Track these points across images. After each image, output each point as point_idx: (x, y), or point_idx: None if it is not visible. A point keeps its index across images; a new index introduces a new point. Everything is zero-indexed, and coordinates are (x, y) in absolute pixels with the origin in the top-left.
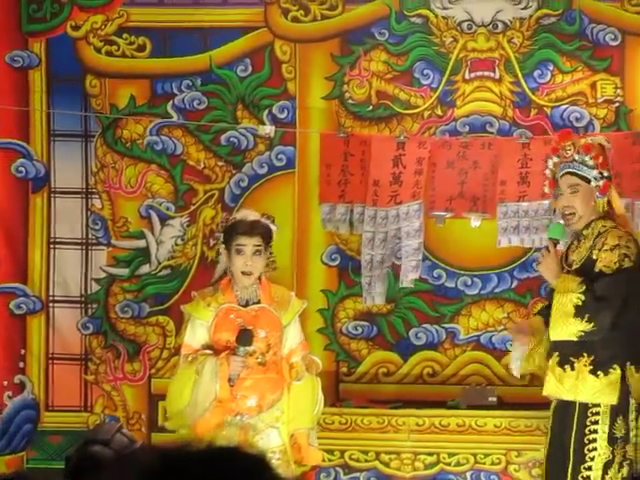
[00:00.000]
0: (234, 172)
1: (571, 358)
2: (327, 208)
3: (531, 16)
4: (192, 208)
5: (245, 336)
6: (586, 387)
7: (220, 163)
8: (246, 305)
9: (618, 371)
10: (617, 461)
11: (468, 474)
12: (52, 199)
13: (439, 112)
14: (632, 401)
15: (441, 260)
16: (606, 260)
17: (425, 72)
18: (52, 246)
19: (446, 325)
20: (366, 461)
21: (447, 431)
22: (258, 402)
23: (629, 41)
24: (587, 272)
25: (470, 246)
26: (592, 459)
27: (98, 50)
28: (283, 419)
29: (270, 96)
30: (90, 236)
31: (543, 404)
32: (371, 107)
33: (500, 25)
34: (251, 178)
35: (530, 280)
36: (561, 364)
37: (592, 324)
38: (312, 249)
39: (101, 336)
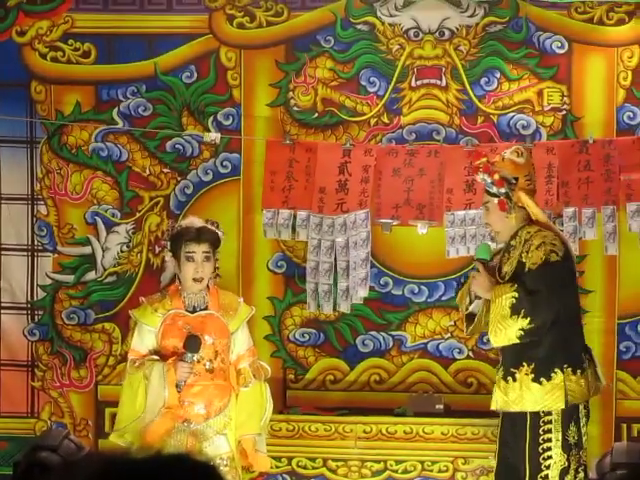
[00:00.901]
0: (179, 179)
1: (512, 369)
2: (269, 214)
3: (478, 24)
4: (138, 215)
5: (192, 342)
6: (531, 396)
7: (165, 170)
8: (194, 311)
9: (560, 375)
10: (573, 467)
11: None
12: None
13: (385, 120)
14: (581, 407)
15: (388, 268)
16: (533, 258)
17: (371, 79)
18: None
19: (393, 333)
20: (313, 468)
21: (394, 438)
22: (206, 409)
23: (576, 49)
24: (519, 274)
25: (417, 254)
26: (548, 467)
27: (43, 56)
28: (231, 426)
29: (215, 103)
30: (36, 242)
31: (490, 412)
32: (317, 114)
33: (447, 32)
34: (196, 185)
35: None
36: (504, 377)
37: (529, 320)
38: (258, 256)
39: (47, 343)
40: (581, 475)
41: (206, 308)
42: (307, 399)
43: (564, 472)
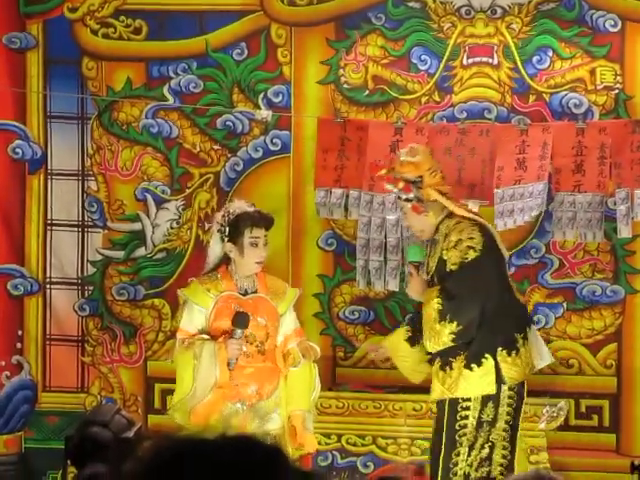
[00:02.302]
0: (229, 156)
1: (450, 359)
2: (322, 193)
3: (530, 2)
4: (187, 191)
5: (241, 318)
6: (464, 382)
7: (215, 147)
8: (245, 294)
9: (490, 360)
10: (480, 443)
11: None
12: (49, 181)
13: (437, 98)
14: (504, 387)
15: None
16: (452, 258)
17: (422, 57)
18: (49, 228)
19: None
20: (363, 445)
21: None
22: (258, 390)
23: (629, 27)
24: (442, 274)
25: None
26: (461, 444)
27: (95, 32)
28: (282, 404)
29: (265, 80)
30: (86, 218)
31: (538, 391)
32: (367, 92)
33: (499, 11)
34: (246, 162)
35: (528, 267)
36: (442, 367)
37: (456, 323)
38: (308, 234)
39: (97, 318)
40: (485, 451)
41: (256, 291)
42: (357, 377)
43: (471, 447)
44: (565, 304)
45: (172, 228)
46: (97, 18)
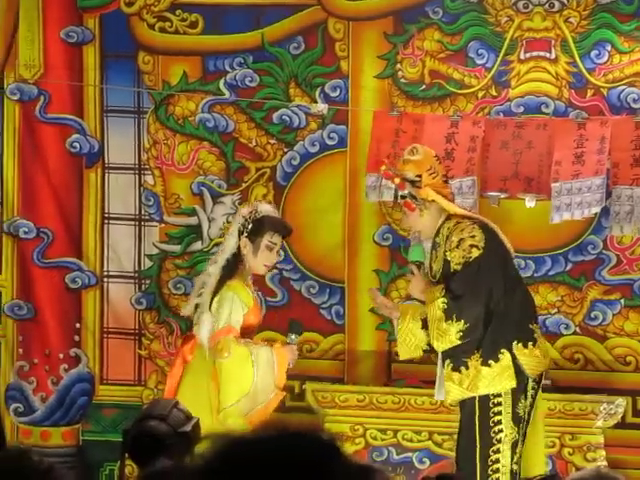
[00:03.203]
0: (286, 150)
1: (463, 359)
2: (373, 178)
3: None
4: (244, 186)
5: (295, 325)
6: (482, 380)
7: (272, 141)
8: None
9: (507, 355)
10: (522, 440)
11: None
12: (106, 175)
13: (493, 92)
14: (530, 380)
15: None
16: (455, 258)
17: (479, 52)
18: (106, 221)
19: None
20: (419, 441)
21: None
22: None
23: None
24: (446, 274)
25: (524, 228)
26: (499, 441)
27: (151, 26)
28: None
29: (322, 74)
30: (143, 212)
31: (598, 388)
32: (424, 86)
33: (557, 4)
34: (303, 156)
35: (584, 263)
36: (456, 368)
37: (462, 322)
38: (364, 228)
39: (154, 312)
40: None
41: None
42: (413, 372)
43: (515, 445)
44: (622, 301)
45: (228, 222)
46: (153, 12)
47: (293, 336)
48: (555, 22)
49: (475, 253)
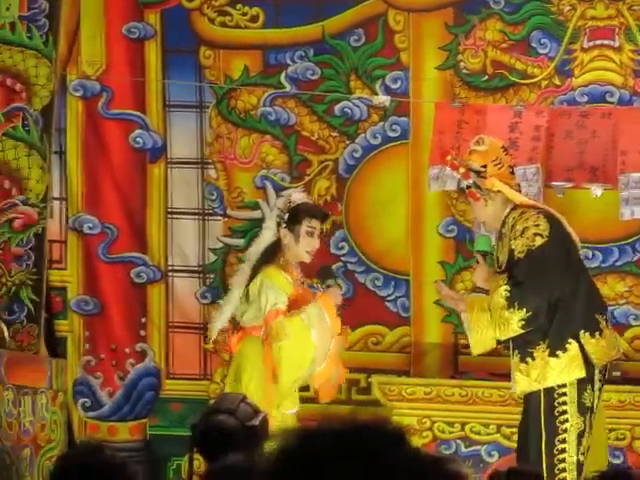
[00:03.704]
0: (348, 143)
1: (529, 350)
2: (436, 170)
3: None
4: (306, 179)
5: (326, 270)
6: (551, 371)
7: (334, 134)
8: None
9: (575, 344)
10: (588, 431)
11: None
12: (169, 169)
13: (557, 82)
14: (596, 371)
15: None
16: (519, 246)
17: (542, 41)
18: (170, 216)
19: None
20: (487, 434)
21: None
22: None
23: None
24: (511, 264)
25: (590, 218)
26: (565, 430)
27: (212, 21)
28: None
29: (383, 66)
30: (206, 206)
31: None
32: (486, 77)
33: None
34: (365, 148)
35: None
36: (523, 359)
37: (524, 310)
38: (428, 220)
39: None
40: (591, 438)
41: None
42: (480, 364)
43: (581, 435)
44: None
45: None
46: (214, 7)
47: (330, 281)
48: (618, 10)
49: (539, 241)
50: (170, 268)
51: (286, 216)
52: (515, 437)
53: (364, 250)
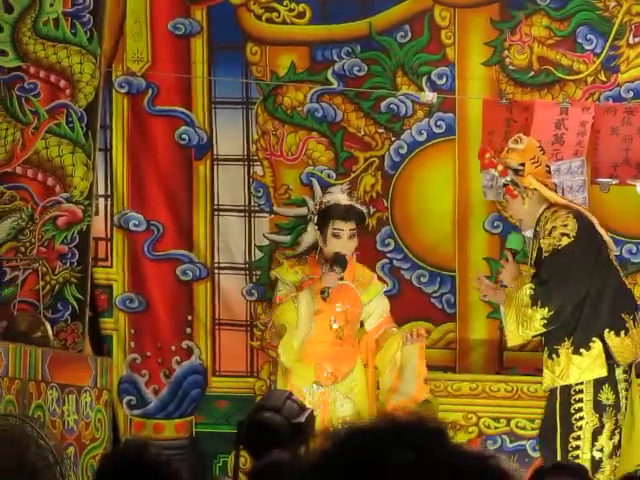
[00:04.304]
0: (393, 139)
1: (555, 347)
2: (488, 176)
3: None
4: (352, 175)
5: (340, 259)
6: (575, 368)
7: (380, 130)
8: None
9: (598, 343)
10: (608, 428)
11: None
12: (215, 166)
13: (603, 78)
14: (618, 370)
15: (604, 227)
16: (546, 245)
17: (588, 37)
18: (216, 213)
19: None
20: (532, 429)
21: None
22: (333, 372)
23: None
24: (538, 262)
25: (635, 214)
26: (580, 428)
27: (258, 17)
28: (356, 391)
29: (429, 62)
30: (252, 203)
31: None
32: (532, 73)
33: None
34: (410, 145)
35: None
36: (550, 356)
37: (547, 309)
38: (474, 216)
39: (266, 302)
40: (617, 437)
41: (341, 279)
42: (525, 360)
43: (597, 432)
44: None
45: None
46: (261, 3)
47: (338, 269)
48: None
49: (565, 241)
50: (216, 265)
51: (316, 218)
52: None
53: (410, 247)
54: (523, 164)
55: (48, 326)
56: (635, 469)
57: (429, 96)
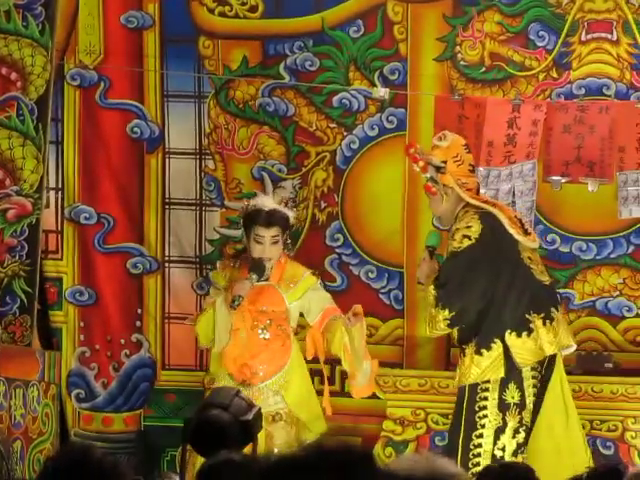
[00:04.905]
0: (345, 134)
1: (463, 346)
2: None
3: None
4: (304, 170)
5: (258, 265)
6: (475, 368)
7: (332, 125)
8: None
9: (499, 344)
10: (511, 427)
11: None
12: (166, 160)
13: (554, 74)
14: (525, 369)
15: (555, 225)
16: (449, 247)
17: (540, 34)
18: (167, 207)
19: (560, 290)
20: None
21: None
22: (262, 371)
23: None
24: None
25: (586, 211)
26: (483, 426)
27: (211, 11)
28: (287, 387)
29: (381, 57)
30: (204, 197)
31: None
32: (484, 69)
33: None
34: (362, 140)
35: None
36: (460, 354)
37: (447, 310)
38: (423, 213)
39: None
40: (521, 436)
41: (267, 279)
42: None
43: (499, 431)
44: None
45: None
46: None
47: (254, 276)
48: (617, 3)
49: (466, 243)
50: (167, 259)
51: (242, 221)
52: None
53: (359, 242)
54: (445, 162)
55: None
56: (583, 471)
57: (381, 91)
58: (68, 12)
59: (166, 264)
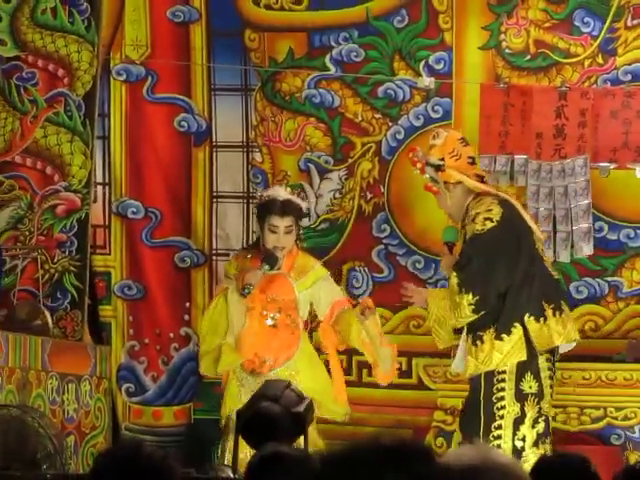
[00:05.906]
0: (390, 124)
1: (479, 333)
2: (487, 160)
3: None
4: (350, 161)
5: (271, 256)
6: (497, 354)
7: (377, 115)
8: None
9: (519, 328)
10: (530, 417)
11: (636, 428)
12: (214, 153)
13: (600, 61)
14: (541, 358)
15: (603, 212)
16: (469, 231)
17: (585, 20)
18: (214, 200)
19: (609, 279)
20: None
21: (613, 385)
22: (271, 360)
23: None
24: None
25: (634, 197)
26: (502, 417)
27: (257, 3)
28: (297, 378)
29: (426, 47)
30: (251, 190)
31: None
32: (529, 56)
33: None
34: (407, 130)
35: None
36: (474, 342)
37: (471, 294)
38: None
39: None
40: (540, 425)
41: (279, 268)
42: None
43: (518, 422)
44: None
45: (335, 198)
46: None
47: (267, 266)
48: None
49: (488, 225)
50: (214, 252)
51: (256, 211)
52: (559, 417)
53: (405, 232)
54: (443, 159)
55: (48, 314)
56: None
57: (426, 81)
58: (113, 8)
59: (213, 257)
